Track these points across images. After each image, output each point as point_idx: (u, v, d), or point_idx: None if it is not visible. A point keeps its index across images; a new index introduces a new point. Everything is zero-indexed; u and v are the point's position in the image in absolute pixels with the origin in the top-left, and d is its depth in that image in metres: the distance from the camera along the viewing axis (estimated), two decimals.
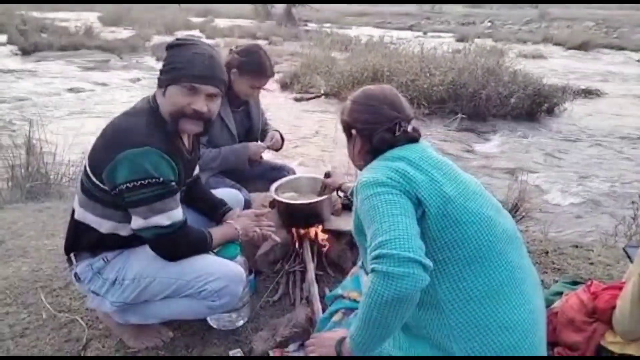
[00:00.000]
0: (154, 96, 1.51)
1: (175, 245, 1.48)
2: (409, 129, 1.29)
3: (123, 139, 1.37)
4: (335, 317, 1.48)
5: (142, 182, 1.35)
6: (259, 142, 2.34)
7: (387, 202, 1.10)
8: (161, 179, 1.37)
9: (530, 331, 1.14)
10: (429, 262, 1.03)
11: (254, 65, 2.11)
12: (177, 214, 1.45)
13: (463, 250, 1.13)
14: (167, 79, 1.44)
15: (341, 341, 1.20)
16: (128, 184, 1.35)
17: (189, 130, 1.50)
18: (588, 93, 9.86)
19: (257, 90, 2.21)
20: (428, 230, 1.13)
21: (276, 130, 2.45)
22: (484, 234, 1.15)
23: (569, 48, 18.02)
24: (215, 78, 1.46)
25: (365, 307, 1.04)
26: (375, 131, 1.28)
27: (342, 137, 1.44)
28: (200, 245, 1.56)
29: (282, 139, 2.44)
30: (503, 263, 1.15)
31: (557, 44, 19.14)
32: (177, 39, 1.49)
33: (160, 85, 1.47)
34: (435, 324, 1.14)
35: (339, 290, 1.59)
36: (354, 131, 1.34)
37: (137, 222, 1.42)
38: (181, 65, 1.41)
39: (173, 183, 1.43)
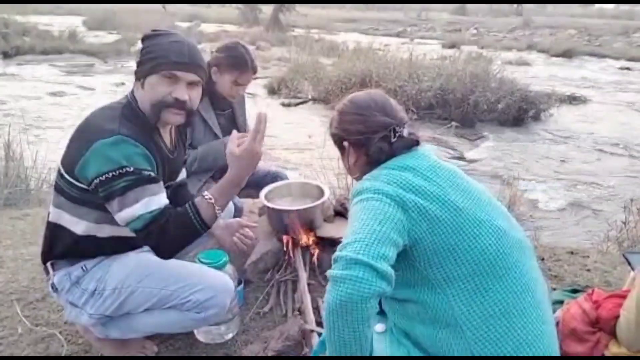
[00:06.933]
0: (132, 91, 1.43)
1: (161, 235, 1.30)
2: (405, 133, 1.20)
3: (93, 132, 1.29)
4: None
5: (114, 173, 1.25)
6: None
7: (369, 208, 1.04)
8: (132, 168, 1.27)
9: (549, 346, 1.09)
10: (385, 269, 0.94)
11: (233, 59, 2.05)
12: (155, 201, 1.29)
13: (478, 265, 1.07)
14: (145, 69, 1.36)
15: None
16: (100, 177, 1.26)
17: (171, 121, 1.41)
18: (573, 99, 9.97)
19: (241, 88, 2.12)
20: (440, 246, 1.06)
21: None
22: (498, 246, 1.09)
23: (553, 55, 18.26)
24: (195, 65, 1.39)
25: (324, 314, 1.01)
26: (370, 141, 1.19)
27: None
28: (187, 227, 1.34)
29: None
30: (518, 275, 1.10)
31: (541, 51, 19.39)
32: (153, 30, 1.41)
33: (138, 78, 1.39)
34: (452, 343, 1.07)
35: None
36: (346, 143, 1.25)
37: (118, 217, 1.30)
38: (159, 53, 1.34)
39: (148, 173, 1.30)
